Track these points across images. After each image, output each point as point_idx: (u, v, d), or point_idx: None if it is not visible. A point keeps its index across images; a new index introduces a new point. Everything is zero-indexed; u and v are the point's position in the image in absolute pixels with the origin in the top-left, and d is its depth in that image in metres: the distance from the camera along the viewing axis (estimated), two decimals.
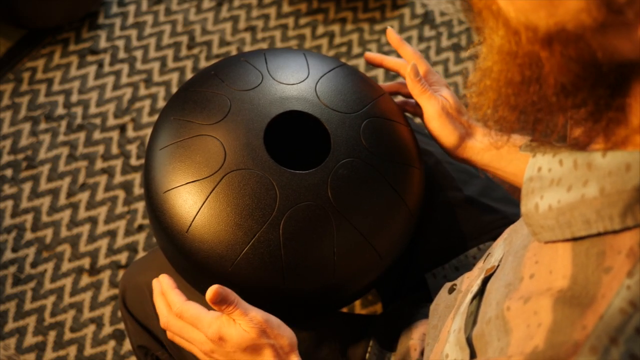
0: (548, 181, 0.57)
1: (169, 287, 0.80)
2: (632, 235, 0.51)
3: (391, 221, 0.86)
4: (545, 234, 0.57)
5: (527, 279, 0.58)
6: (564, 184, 0.55)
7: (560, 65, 0.49)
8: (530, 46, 0.49)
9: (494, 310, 0.61)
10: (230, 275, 0.81)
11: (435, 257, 0.98)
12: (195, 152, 0.83)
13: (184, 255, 0.83)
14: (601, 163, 0.52)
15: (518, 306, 0.57)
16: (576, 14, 0.46)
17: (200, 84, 0.89)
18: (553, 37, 0.48)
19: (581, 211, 0.53)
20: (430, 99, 0.91)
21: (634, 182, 0.50)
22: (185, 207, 0.82)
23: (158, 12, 1.74)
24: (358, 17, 1.76)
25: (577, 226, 0.54)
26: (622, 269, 0.50)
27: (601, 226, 0.52)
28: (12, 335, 1.39)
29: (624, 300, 0.49)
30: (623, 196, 0.51)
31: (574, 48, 0.48)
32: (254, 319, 0.75)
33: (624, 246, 0.51)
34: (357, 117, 0.88)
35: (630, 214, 0.51)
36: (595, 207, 0.52)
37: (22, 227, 1.48)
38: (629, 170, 0.50)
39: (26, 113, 1.60)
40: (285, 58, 0.92)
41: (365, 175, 0.85)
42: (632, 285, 0.49)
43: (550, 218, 0.56)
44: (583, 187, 0.53)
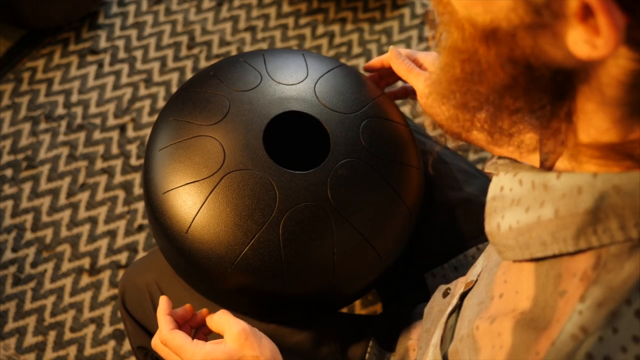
0: (509, 201, 0.57)
1: (161, 311, 0.81)
2: (587, 258, 0.50)
3: (391, 221, 0.86)
4: (508, 253, 0.57)
5: (497, 299, 0.58)
6: (523, 205, 0.55)
7: (495, 63, 0.49)
8: (471, 42, 0.50)
9: (466, 328, 0.61)
10: (230, 276, 0.81)
11: (434, 257, 0.98)
12: (195, 152, 0.83)
13: (184, 256, 0.83)
14: (556, 185, 0.52)
15: (485, 326, 0.58)
16: (507, 13, 0.46)
17: (200, 84, 0.89)
18: (489, 35, 0.48)
19: (538, 232, 0.53)
20: (418, 76, 0.90)
21: (585, 206, 0.50)
22: (184, 207, 0.82)
23: (158, 12, 1.74)
24: (358, 17, 1.76)
25: (535, 247, 0.54)
26: (576, 293, 0.50)
27: (556, 248, 0.52)
28: (12, 335, 1.39)
29: (575, 325, 0.49)
30: (575, 219, 0.51)
31: (507, 48, 0.48)
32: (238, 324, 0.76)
33: (579, 269, 0.51)
34: (356, 117, 0.88)
35: (583, 237, 0.50)
36: (551, 229, 0.52)
37: (22, 227, 1.48)
38: (581, 193, 0.50)
39: (26, 113, 1.60)
40: (284, 58, 0.92)
41: (364, 175, 0.85)
42: (584, 310, 0.49)
43: (510, 238, 0.56)
44: (540, 208, 0.53)
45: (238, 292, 0.83)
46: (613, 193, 0.49)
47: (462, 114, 0.55)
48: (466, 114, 0.54)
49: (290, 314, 0.89)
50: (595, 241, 0.50)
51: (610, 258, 0.49)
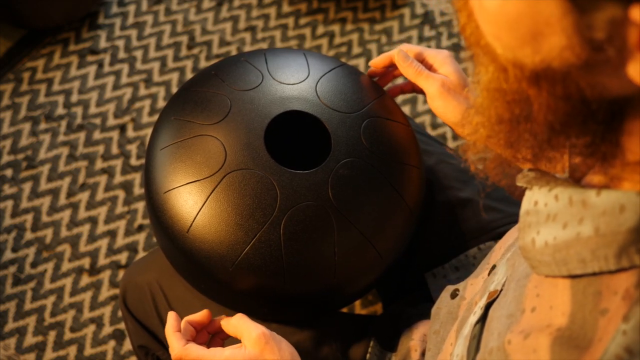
0: (544, 216, 0.56)
1: (170, 329, 0.80)
2: (628, 276, 0.50)
3: (392, 221, 0.86)
4: (543, 269, 0.57)
5: (529, 312, 0.58)
6: (560, 220, 0.54)
7: (548, 103, 0.48)
8: (518, 84, 0.49)
9: (496, 341, 0.61)
10: (231, 275, 0.81)
11: (435, 256, 0.98)
12: (196, 152, 0.83)
13: (185, 255, 0.83)
14: (595, 202, 0.51)
15: (518, 341, 0.57)
16: (560, 52, 0.45)
17: (201, 84, 0.89)
18: (540, 75, 0.47)
19: (577, 250, 0.53)
20: (428, 78, 0.88)
21: (629, 224, 0.49)
22: (185, 207, 0.82)
23: (158, 12, 1.74)
24: (358, 17, 1.76)
25: (573, 264, 0.53)
26: (619, 312, 0.50)
27: (596, 266, 0.52)
28: (12, 335, 1.39)
29: (619, 346, 0.49)
30: (617, 237, 0.50)
31: (561, 86, 0.47)
32: (257, 329, 0.76)
33: (620, 287, 0.50)
34: (357, 116, 0.88)
35: (625, 256, 0.50)
36: (590, 246, 0.52)
37: (22, 227, 1.48)
38: (623, 211, 0.50)
39: (26, 113, 1.60)
40: (286, 58, 0.92)
41: (365, 175, 0.85)
42: (628, 331, 0.48)
43: (546, 254, 0.56)
44: (578, 225, 0.53)
45: (239, 292, 0.83)
46: None
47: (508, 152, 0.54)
48: (512, 151, 0.53)
49: (291, 313, 0.89)
50: (638, 260, 0.49)
51: None
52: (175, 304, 0.94)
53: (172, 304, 0.94)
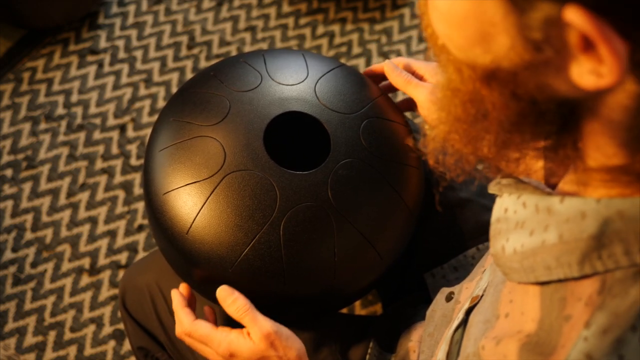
0: (513, 223, 0.56)
1: (178, 305, 0.82)
2: (592, 283, 0.50)
3: (391, 221, 0.86)
4: (514, 275, 0.57)
5: (503, 318, 0.58)
6: (527, 228, 0.55)
7: (500, 103, 0.49)
8: (472, 84, 0.49)
9: (472, 346, 0.61)
10: (231, 276, 0.81)
11: (434, 257, 0.98)
12: (195, 153, 0.83)
13: (184, 256, 0.83)
14: (559, 209, 0.52)
15: (491, 347, 0.57)
16: (507, 52, 0.46)
17: (200, 85, 0.89)
18: (491, 76, 0.48)
19: (542, 257, 0.53)
20: (417, 87, 0.89)
21: (590, 231, 0.50)
22: (185, 208, 0.82)
23: (158, 12, 1.74)
24: (358, 17, 1.76)
25: (540, 271, 0.54)
26: (581, 319, 0.50)
27: (561, 273, 0.52)
28: (12, 335, 1.39)
29: (580, 352, 0.49)
30: (580, 244, 0.50)
31: (511, 87, 0.48)
32: (263, 328, 0.77)
33: (584, 294, 0.51)
34: (356, 117, 0.88)
35: (588, 262, 0.50)
36: (555, 253, 0.52)
37: (22, 227, 1.48)
38: (585, 218, 0.50)
39: (26, 113, 1.60)
40: (284, 59, 0.92)
41: (365, 175, 0.85)
42: (589, 337, 0.49)
43: (515, 261, 0.56)
44: (544, 232, 0.53)
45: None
46: (617, 218, 0.49)
47: (467, 149, 0.54)
48: (471, 148, 0.54)
49: (291, 314, 0.89)
50: (600, 266, 0.50)
51: (615, 283, 0.49)
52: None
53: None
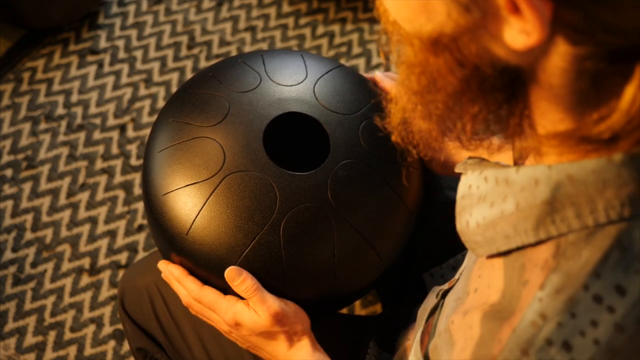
0: (476, 198, 0.58)
1: (182, 275, 0.83)
2: (547, 247, 0.52)
3: (391, 222, 0.86)
4: (479, 250, 0.58)
5: (472, 293, 0.60)
6: (488, 200, 0.56)
7: (445, 70, 0.50)
8: (422, 55, 0.51)
9: (444, 323, 0.62)
10: None
11: (433, 256, 0.98)
12: (195, 154, 0.83)
13: (184, 258, 0.83)
14: (516, 179, 0.53)
15: (459, 320, 0.58)
16: (445, 18, 0.47)
17: (199, 85, 0.89)
18: (435, 43, 0.49)
19: (502, 226, 0.54)
20: None
21: (543, 197, 0.51)
22: (185, 209, 0.82)
23: (158, 12, 1.74)
24: (358, 17, 1.76)
25: (500, 241, 0.55)
26: (536, 282, 0.51)
27: (519, 240, 0.53)
28: (12, 335, 1.39)
29: (535, 312, 0.50)
30: (534, 210, 0.52)
31: (453, 52, 0.49)
32: (271, 308, 0.78)
33: (540, 259, 0.52)
34: (355, 118, 0.88)
35: (543, 228, 0.52)
36: (512, 222, 0.53)
37: (22, 227, 1.48)
38: (538, 184, 0.52)
39: (26, 113, 1.61)
40: (283, 59, 0.92)
41: (364, 176, 0.85)
42: (543, 298, 0.50)
43: (478, 234, 0.57)
44: (502, 202, 0.54)
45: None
46: (567, 182, 0.50)
47: (427, 125, 0.56)
48: (432, 124, 0.55)
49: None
50: (554, 231, 0.51)
51: (569, 246, 0.50)
52: (173, 306, 0.94)
53: (171, 306, 0.95)
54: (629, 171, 0.49)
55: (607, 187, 0.49)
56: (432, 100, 0.53)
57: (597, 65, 0.46)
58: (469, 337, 0.55)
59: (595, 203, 0.50)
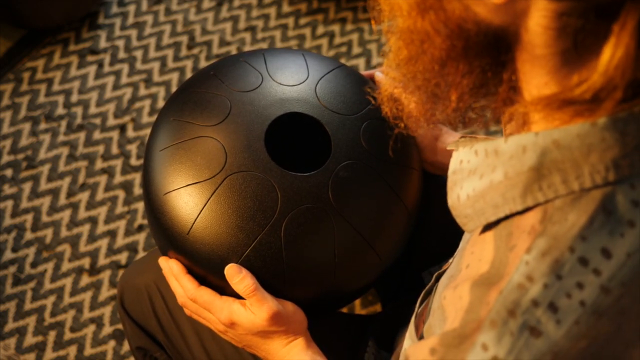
0: (467, 172, 0.59)
1: (180, 273, 0.83)
2: (534, 214, 0.53)
3: (391, 223, 0.86)
4: (469, 224, 0.59)
5: (464, 270, 0.60)
6: (478, 173, 0.57)
7: (431, 31, 0.51)
8: (410, 19, 0.52)
9: (437, 301, 0.63)
10: None
11: (432, 256, 0.98)
12: (196, 153, 0.83)
13: (185, 257, 0.83)
14: (504, 149, 0.54)
15: (450, 294, 0.59)
16: None
17: (200, 84, 0.89)
18: (420, 4, 0.51)
19: (491, 196, 0.55)
20: None
21: (530, 163, 0.52)
22: (186, 209, 0.82)
23: (158, 12, 1.74)
24: (358, 17, 1.76)
25: (489, 211, 0.56)
26: (523, 246, 0.52)
27: (507, 209, 0.54)
28: (12, 335, 1.39)
29: (521, 275, 0.51)
30: (522, 177, 0.53)
31: (439, 12, 0.50)
32: (270, 308, 0.78)
33: (527, 225, 0.53)
34: (357, 119, 0.88)
35: (530, 194, 0.53)
36: (501, 190, 0.54)
37: (22, 227, 1.48)
38: (525, 152, 0.53)
39: (26, 113, 1.60)
40: (285, 59, 0.92)
41: (365, 177, 0.85)
42: (530, 261, 0.51)
43: (468, 207, 0.58)
44: (492, 173, 0.56)
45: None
46: (553, 148, 0.51)
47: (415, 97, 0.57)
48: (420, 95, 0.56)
49: None
50: (541, 197, 0.52)
51: (555, 211, 0.51)
52: (173, 306, 0.94)
53: (170, 305, 0.95)
54: (612, 134, 0.50)
55: (591, 152, 0.50)
56: (420, 70, 0.54)
57: (576, 23, 0.47)
58: (459, 308, 0.56)
59: (581, 168, 0.51)
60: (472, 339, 0.52)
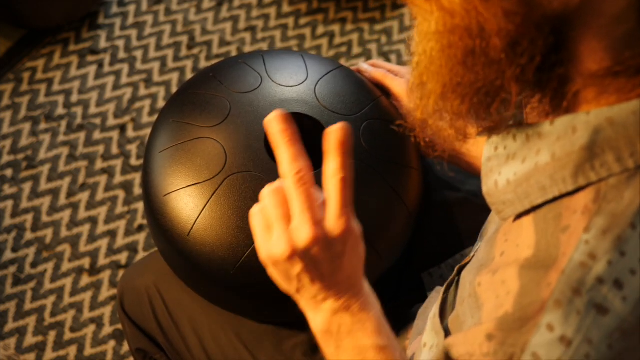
0: (504, 158, 0.58)
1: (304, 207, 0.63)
2: (586, 194, 0.52)
3: (391, 222, 0.86)
4: (507, 210, 0.58)
5: (498, 257, 0.60)
6: (519, 157, 0.56)
7: (499, 19, 0.50)
8: (467, 14, 0.50)
9: (467, 290, 0.62)
10: (232, 278, 0.81)
11: (432, 256, 0.98)
12: (196, 154, 0.83)
13: (185, 258, 0.83)
14: (550, 130, 0.54)
15: (487, 279, 0.59)
16: None
17: (199, 86, 0.89)
18: None
19: (536, 179, 0.55)
20: (394, 80, 0.94)
21: (581, 142, 0.52)
22: (186, 210, 0.82)
23: (158, 12, 1.74)
24: (358, 17, 1.76)
25: (535, 195, 0.55)
26: (579, 226, 0.52)
27: (556, 190, 0.54)
28: (12, 335, 1.39)
29: (583, 254, 0.51)
30: (572, 157, 0.52)
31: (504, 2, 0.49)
32: None
33: (579, 205, 0.52)
34: (356, 119, 0.88)
35: (582, 174, 0.52)
36: (548, 172, 0.54)
37: (22, 227, 1.48)
38: (575, 131, 0.52)
39: (26, 113, 1.60)
40: (284, 60, 0.92)
41: (365, 176, 0.85)
42: (590, 239, 0.51)
43: (509, 192, 0.57)
44: (536, 156, 0.55)
45: (240, 295, 0.83)
46: (607, 126, 0.51)
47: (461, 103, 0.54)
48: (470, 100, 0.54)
49: (291, 315, 0.89)
50: (594, 176, 0.52)
51: (610, 190, 0.51)
52: (173, 307, 0.94)
53: (170, 307, 0.95)
54: None
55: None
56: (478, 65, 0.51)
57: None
58: (505, 292, 0.55)
59: (635, 145, 0.50)
60: (536, 320, 0.52)
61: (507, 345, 0.53)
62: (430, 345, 0.69)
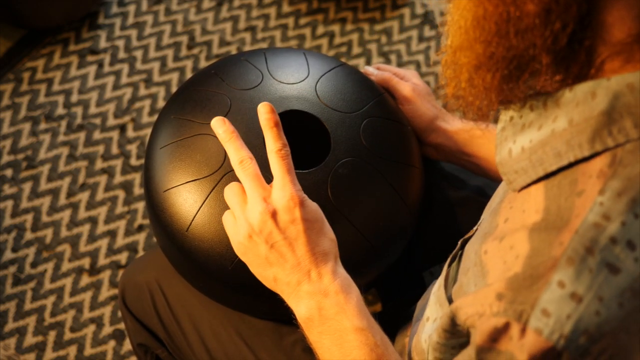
0: (519, 126, 0.59)
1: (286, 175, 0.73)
2: (602, 159, 0.53)
3: (391, 220, 0.86)
4: (519, 180, 0.59)
5: (502, 223, 0.60)
6: (535, 125, 0.57)
7: None
8: None
9: (472, 260, 0.63)
10: (231, 273, 0.81)
11: (433, 255, 0.98)
12: (196, 151, 0.83)
13: (184, 254, 0.83)
14: (569, 97, 0.54)
15: (494, 246, 0.59)
16: None
17: (201, 83, 0.89)
18: None
19: (552, 145, 0.55)
20: (399, 83, 0.96)
21: (600, 107, 0.52)
22: (185, 206, 0.82)
23: (158, 12, 1.74)
24: (358, 17, 1.76)
25: (549, 161, 0.56)
26: (594, 189, 0.52)
27: (572, 155, 0.54)
28: (12, 335, 1.39)
29: (597, 214, 0.52)
30: (590, 122, 0.53)
31: None
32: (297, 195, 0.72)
33: (595, 170, 0.53)
34: (357, 116, 0.88)
35: (599, 139, 0.53)
36: (565, 138, 0.54)
37: (22, 227, 1.48)
38: (595, 97, 0.53)
39: (26, 113, 1.60)
40: (285, 57, 0.92)
41: (365, 174, 0.85)
42: (604, 201, 0.52)
43: (523, 160, 0.58)
44: (553, 123, 0.56)
45: (238, 290, 0.83)
46: (627, 92, 0.51)
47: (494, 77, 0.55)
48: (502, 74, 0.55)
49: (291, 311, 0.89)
50: (611, 142, 0.52)
51: (626, 154, 0.52)
52: (174, 303, 0.94)
53: (171, 302, 0.95)
54: None
55: None
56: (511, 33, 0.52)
57: None
58: (514, 256, 0.56)
59: None
60: (546, 277, 0.53)
61: (517, 302, 0.54)
62: (434, 318, 0.70)
